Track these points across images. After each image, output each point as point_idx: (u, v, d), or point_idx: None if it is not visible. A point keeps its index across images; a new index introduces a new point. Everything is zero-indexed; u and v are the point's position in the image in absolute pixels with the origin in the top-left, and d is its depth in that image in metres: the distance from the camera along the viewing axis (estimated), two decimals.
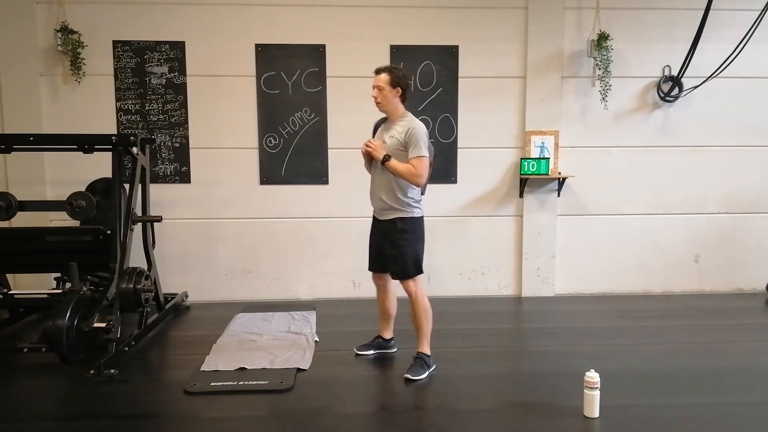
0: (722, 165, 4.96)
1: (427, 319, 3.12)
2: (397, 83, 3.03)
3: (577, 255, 4.98)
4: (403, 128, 3.02)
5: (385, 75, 3.04)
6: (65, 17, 4.43)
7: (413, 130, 2.98)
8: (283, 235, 4.80)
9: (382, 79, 3.04)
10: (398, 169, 2.98)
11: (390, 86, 3.03)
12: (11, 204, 3.70)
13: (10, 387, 3.03)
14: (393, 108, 3.09)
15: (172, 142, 4.66)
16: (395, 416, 2.66)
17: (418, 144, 2.95)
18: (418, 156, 2.95)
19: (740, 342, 3.70)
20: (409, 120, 3.06)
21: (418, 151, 2.95)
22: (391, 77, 3.03)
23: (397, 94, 3.06)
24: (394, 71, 3.05)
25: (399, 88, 3.05)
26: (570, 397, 2.76)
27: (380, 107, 3.12)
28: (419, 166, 2.95)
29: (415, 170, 2.95)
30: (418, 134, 2.96)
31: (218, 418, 2.63)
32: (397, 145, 3.02)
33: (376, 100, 3.07)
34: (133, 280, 3.52)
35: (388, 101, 3.06)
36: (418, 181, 2.98)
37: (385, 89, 3.03)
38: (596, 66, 4.67)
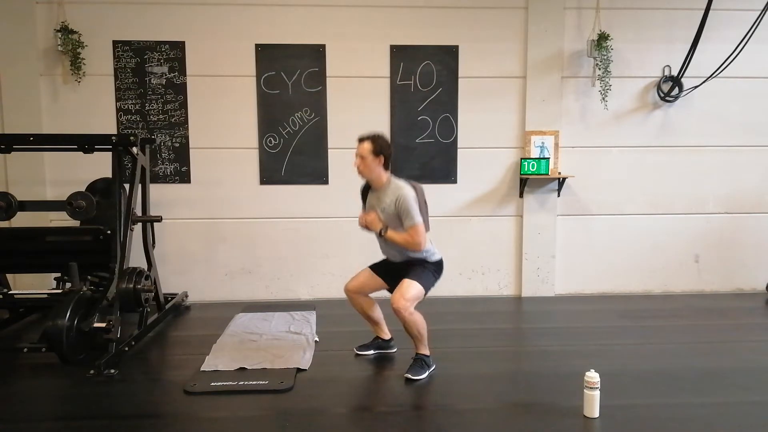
0: (722, 165, 4.96)
1: (421, 328, 3.09)
2: (380, 152, 3.05)
3: (577, 255, 4.98)
4: (391, 199, 3.04)
5: (368, 144, 3.05)
6: (65, 17, 4.43)
7: (401, 199, 2.99)
8: (283, 235, 4.80)
9: (365, 149, 3.05)
10: (397, 240, 3.04)
11: (373, 155, 3.05)
12: (11, 204, 3.70)
13: (10, 387, 3.03)
14: (376, 176, 3.10)
15: (172, 142, 4.66)
16: (395, 416, 2.66)
17: (409, 213, 2.97)
18: (412, 225, 2.98)
19: (740, 342, 3.70)
20: (395, 188, 3.07)
21: (411, 220, 2.98)
22: (373, 146, 3.04)
23: (380, 163, 3.07)
24: (377, 140, 3.06)
25: (382, 157, 3.06)
26: (570, 397, 2.76)
27: (363, 175, 3.14)
28: (415, 234, 2.99)
29: (412, 239, 2.99)
30: (407, 202, 2.98)
31: (218, 418, 2.63)
32: (391, 217, 3.06)
33: (359, 168, 3.10)
34: (133, 280, 3.51)
35: (371, 170, 3.08)
36: (417, 248, 3.03)
37: (367, 158, 3.05)
38: (596, 66, 4.68)
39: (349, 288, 3.36)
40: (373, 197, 3.18)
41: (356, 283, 3.34)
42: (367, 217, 3.14)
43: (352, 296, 3.36)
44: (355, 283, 3.34)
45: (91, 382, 3.02)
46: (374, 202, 3.15)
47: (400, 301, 2.97)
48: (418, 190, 3.12)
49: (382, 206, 3.09)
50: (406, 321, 3.01)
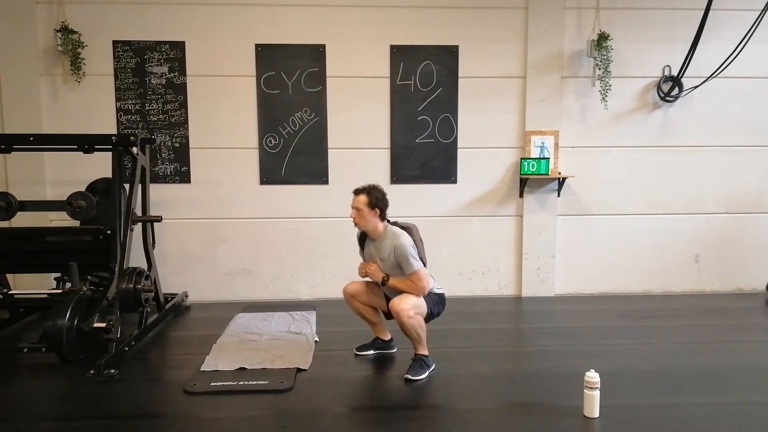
0: (722, 165, 4.96)
1: (420, 330, 3.09)
2: (376, 204, 3.09)
3: (577, 255, 4.98)
4: (389, 249, 3.07)
5: (364, 197, 3.09)
6: (65, 17, 4.43)
7: (399, 248, 3.02)
8: (283, 235, 4.80)
9: (360, 201, 3.10)
10: (400, 287, 3.06)
11: (368, 207, 3.08)
12: (11, 204, 3.70)
13: (10, 387, 3.02)
14: (372, 227, 3.13)
15: (172, 142, 4.66)
16: (395, 416, 2.66)
17: (408, 261, 3.00)
18: (413, 272, 3.00)
19: (740, 342, 3.70)
20: (392, 237, 3.09)
21: (411, 268, 3.00)
22: (369, 199, 3.08)
23: (376, 215, 3.11)
24: (372, 192, 3.10)
25: (377, 209, 3.09)
26: (570, 397, 2.76)
27: (359, 227, 3.18)
28: (417, 280, 3.01)
29: (415, 285, 3.02)
30: (405, 251, 3.00)
31: (218, 418, 2.63)
32: (392, 266, 3.08)
33: (354, 220, 3.14)
34: (133, 280, 3.51)
35: (367, 221, 3.11)
36: (421, 293, 3.04)
37: (363, 210, 3.09)
38: (596, 66, 4.68)
39: (346, 290, 3.38)
40: (371, 247, 3.22)
41: (355, 287, 3.36)
42: (367, 268, 3.17)
43: (348, 298, 3.38)
44: (354, 287, 3.37)
45: (91, 382, 3.02)
46: (373, 252, 3.19)
47: (399, 304, 2.98)
48: (413, 231, 3.19)
49: (381, 256, 3.13)
50: (404, 324, 3.01)
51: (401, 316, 2.97)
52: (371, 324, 3.47)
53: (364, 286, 3.35)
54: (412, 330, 3.04)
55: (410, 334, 3.07)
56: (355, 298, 3.37)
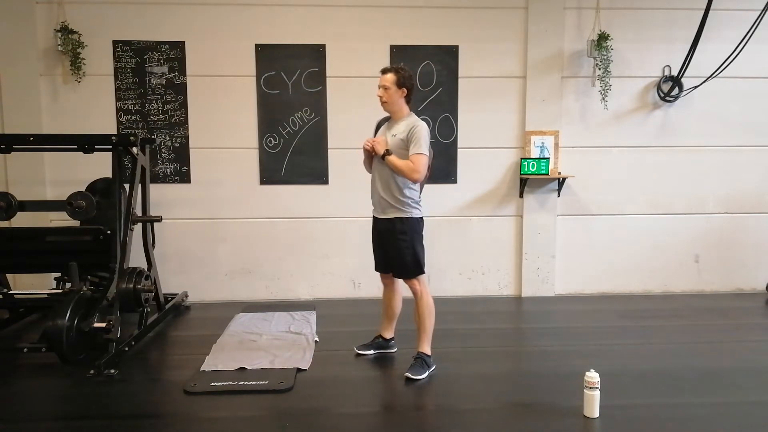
0: (722, 165, 4.96)
1: (430, 319, 3.13)
2: (403, 83, 3.05)
3: (577, 255, 4.98)
4: (406, 127, 3.04)
5: (392, 75, 3.05)
6: (65, 17, 4.43)
7: (415, 128, 3.00)
8: (283, 235, 4.80)
9: (388, 79, 3.05)
10: (397, 164, 3.00)
11: (396, 86, 3.05)
12: (11, 204, 3.70)
13: (10, 387, 3.03)
14: (398, 108, 3.10)
15: (172, 142, 4.66)
16: (395, 416, 2.66)
17: (419, 141, 2.97)
18: (418, 153, 2.96)
19: (740, 342, 3.70)
20: (413, 119, 3.08)
21: (418, 148, 2.96)
22: (397, 77, 3.04)
23: (403, 95, 3.08)
24: (400, 71, 3.06)
25: (404, 89, 3.07)
26: (570, 397, 2.76)
27: (385, 107, 3.13)
28: (417, 162, 2.96)
29: (414, 165, 2.96)
30: (420, 132, 2.99)
31: (218, 418, 2.63)
32: (399, 144, 3.04)
33: (382, 99, 3.09)
34: (133, 280, 3.51)
35: (394, 101, 3.08)
36: (415, 176, 2.99)
37: (391, 89, 3.05)
38: (596, 66, 4.68)
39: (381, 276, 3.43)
40: (384, 128, 3.19)
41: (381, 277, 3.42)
42: (375, 139, 3.12)
43: (385, 282, 3.41)
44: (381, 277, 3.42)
45: (91, 382, 3.02)
46: (386, 130, 3.16)
47: (413, 283, 3.10)
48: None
49: (393, 132, 3.08)
50: (421, 299, 3.09)
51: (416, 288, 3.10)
52: (386, 317, 3.47)
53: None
54: (425, 312, 3.11)
55: (421, 318, 3.12)
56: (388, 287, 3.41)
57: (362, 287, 4.84)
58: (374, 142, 3.10)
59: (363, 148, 3.16)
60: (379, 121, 3.32)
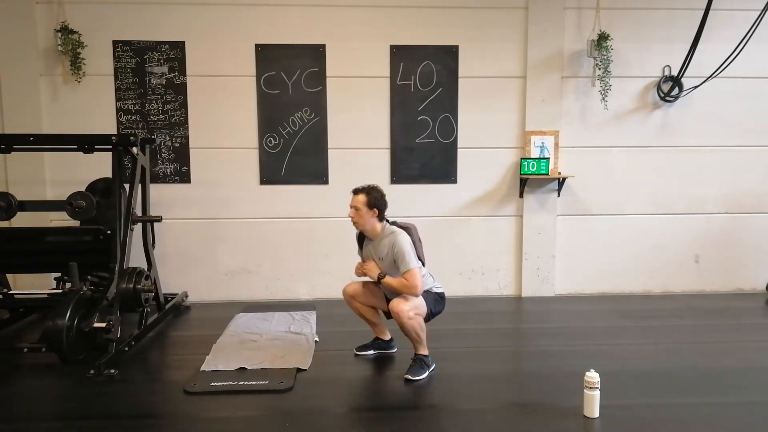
0: (722, 165, 4.96)
1: (420, 331, 3.09)
2: (374, 205, 3.09)
3: (577, 255, 4.98)
4: (388, 247, 3.08)
5: (363, 196, 3.10)
6: (65, 17, 4.43)
7: (396, 245, 3.03)
8: (283, 235, 4.80)
9: (359, 200, 3.10)
10: (394, 285, 3.05)
11: (367, 207, 3.09)
12: (11, 204, 3.70)
13: (10, 387, 3.02)
14: (370, 227, 3.14)
15: (172, 142, 4.66)
16: (395, 416, 2.66)
17: (404, 258, 3.00)
18: (408, 270, 3.00)
19: (740, 342, 3.70)
20: (390, 236, 3.10)
21: (406, 265, 3.00)
22: (368, 199, 3.09)
23: (374, 215, 3.11)
24: (371, 192, 3.10)
25: (376, 209, 3.10)
26: (570, 397, 2.76)
27: (357, 227, 3.20)
28: (411, 278, 2.99)
29: (408, 283, 3.00)
30: (402, 248, 3.01)
31: (218, 418, 2.63)
32: (389, 265, 3.09)
33: (353, 219, 3.14)
34: (133, 280, 3.52)
35: (365, 221, 3.12)
36: (414, 291, 3.02)
37: (361, 210, 3.09)
38: (596, 66, 4.67)
39: (346, 291, 3.39)
40: (369, 247, 3.22)
41: (354, 288, 3.37)
42: (365, 266, 3.18)
43: (348, 299, 3.39)
44: (353, 288, 3.37)
45: (91, 382, 3.02)
46: (371, 251, 3.20)
47: (399, 305, 2.99)
48: (412, 230, 3.20)
49: (379, 255, 3.14)
50: (404, 325, 3.02)
51: (401, 317, 2.97)
52: (371, 324, 3.47)
53: (363, 286, 3.36)
54: (411, 331, 3.04)
55: (410, 335, 3.07)
56: (355, 298, 3.37)
57: None
58: (366, 270, 3.14)
59: (356, 273, 3.21)
60: (358, 234, 3.34)
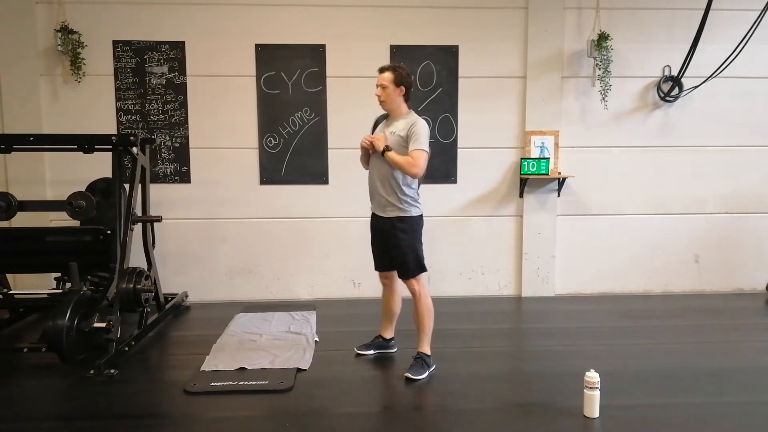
0: (722, 165, 4.96)
1: (429, 319, 3.13)
2: (401, 82, 3.04)
3: (577, 255, 4.98)
4: (405, 124, 3.03)
5: (389, 74, 3.03)
6: (65, 17, 4.43)
7: (415, 125, 2.99)
8: (283, 235, 4.80)
9: (386, 78, 3.04)
10: (396, 159, 2.97)
11: (394, 85, 3.03)
12: (11, 204, 3.70)
13: (10, 387, 3.03)
14: (396, 106, 3.09)
15: (172, 142, 4.66)
16: (395, 416, 2.66)
17: (419, 138, 2.95)
18: (418, 149, 2.94)
19: (740, 342, 3.70)
20: (413, 117, 3.07)
21: (418, 144, 2.95)
22: (395, 76, 3.03)
23: (401, 93, 3.06)
24: (398, 70, 3.05)
25: (403, 87, 3.05)
26: (570, 397, 2.76)
27: (383, 105, 3.12)
28: (417, 157, 2.93)
29: (414, 161, 2.92)
30: (420, 129, 2.98)
31: (218, 418, 2.63)
32: (398, 141, 3.02)
33: (380, 98, 3.07)
34: (133, 280, 3.52)
35: (392, 100, 3.06)
36: (414, 171, 2.95)
37: (389, 87, 3.03)
38: (596, 66, 4.67)
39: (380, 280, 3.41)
40: (384, 124, 3.17)
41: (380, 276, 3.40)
42: (373, 137, 3.08)
43: (385, 282, 3.39)
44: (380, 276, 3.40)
45: (91, 382, 3.02)
46: (384, 128, 3.14)
47: (412, 283, 3.07)
48: None
49: (392, 129, 3.06)
50: (420, 299, 3.08)
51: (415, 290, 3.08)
52: (385, 319, 3.47)
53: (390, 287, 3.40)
54: (424, 312, 3.10)
55: (420, 318, 3.12)
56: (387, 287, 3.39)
57: (362, 287, 4.84)
58: (373, 138, 3.07)
59: (360, 145, 3.15)
60: (377, 118, 3.31)
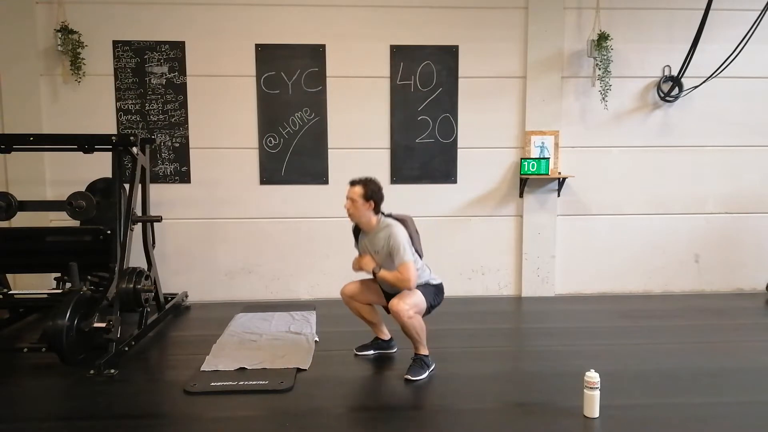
0: (722, 165, 4.96)
1: (420, 331, 3.09)
2: (371, 197, 3.08)
3: (577, 255, 4.98)
4: (384, 241, 3.08)
5: (359, 188, 3.08)
6: (65, 17, 4.43)
7: (392, 238, 3.04)
8: (283, 235, 4.80)
9: (356, 192, 3.09)
10: (388, 278, 3.06)
11: (363, 199, 3.08)
12: (11, 204, 3.70)
13: (10, 387, 3.02)
14: (366, 220, 3.13)
15: (172, 142, 4.66)
16: (395, 416, 2.66)
17: (399, 251, 3.01)
18: (402, 263, 3.00)
19: (740, 342, 3.70)
20: (386, 229, 3.10)
21: (401, 258, 3.00)
22: (364, 191, 3.07)
23: (370, 207, 3.10)
24: (368, 185, 3.09)
25: (372, 202, 3.09)
26: (570, 397, 2.76)
27: (352, 218, 3.19)
28: (405, 271, 2.99)
29: (402, 276, 3.00)
30: (398, 241, 3.02)
31: (218, 418, 2.63)
32: (385, 258, 3.09)
33: (348, 211, 3.14)
34: (133, 280, 3.51)
35: (361, 213, 3.11)
36: (407, 285, 3.02)
37: (357, 202, 3.09)
38: (596, 66, 4.68)
39: (344, 291, 3.38)
40: (365, 240, 3.23)
41: (352, 288, 3.37)
42: (360, 260, 3.19)
43: (347, 300, 3.39)
44: (351, 288, 3.37)
45: (91, 382, 3.02)
46: (367, 245, 3.20)
47: (399, 304, 2.99)
48: (408, 222, 3.19)
49: (375, 249, 3.14)
50: (404, 324, 3.02)
51: (401, 316, 2.97)
52: (371, 324, 3.47)
53: (360, 285, 3.36)
54: (412, 330, 3.04)
55: (410, 334, 3.07)
56: (354, 298, 3.37)
57: None
58: (362, 264, 3.15)
59: (353, 268, 3.23)
60: (354, 227, 3.35)
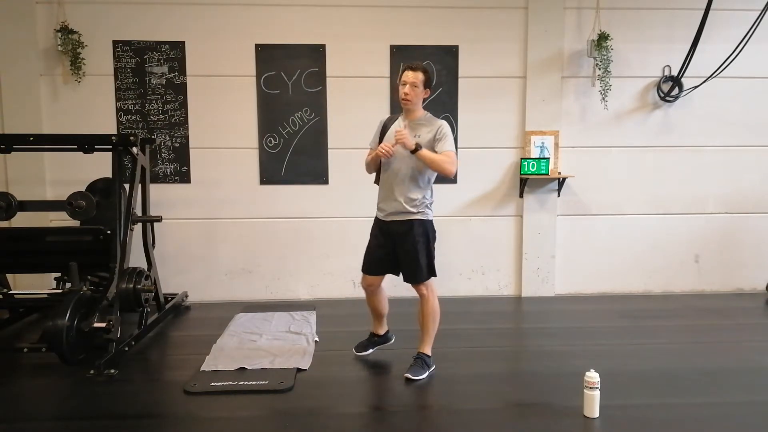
0: (722, 165, 4.96)
1: (434, 321, 3.12)
2: (428, 85, 3.03)
3: (577, 255, 4.98)
4: (430, 128, 3.00)
5: (421, 74, 2.98)
6: (65, 17, 4.43)
7: (442, 127, 2.98)
8: (283, 235, 4.80)
9: (419, 78, 2.97)
10: (432, 156, 2.90)
11: (423, 86, 3.00)
12: (11, 204, 3.70)
13: (10, 387, 3.03)
14: (417, 108, 3.06)
15: (172, 142, 4.66)
16: (395, 416, 2.66)
17: (448, 139, 2.96)
18: (450, 150, 2.95)
19: (740, 342, 3.70)
20: (433, 120, 3.06)
21: (450, 146, 2.95)
22: (426, 78, 2.99)
23: (425, 95, 3.06)
24: (427, 71, 3.01)
25: (428, 90, 3.05)
26: (570, 397, 2.76)
27: (407, 105, 3.01)
28: (451, 156, 2.94)
29: (449, 159, 2.91)
30: (448, 132, 2.98)
31: (218, 418, 2.63)
32: (426, 145, 2.97)
33: (407, 96, 2.97)
34: (133, 280, 3.52)
35: (418, 100, 3.02)
36: (452, 168, 2.93)
37: (418, 88, 2.98)
38: (596, 66, 4.67)
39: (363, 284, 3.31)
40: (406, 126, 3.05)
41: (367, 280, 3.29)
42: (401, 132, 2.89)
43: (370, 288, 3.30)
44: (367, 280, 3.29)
45: (91, 382, 3.02)
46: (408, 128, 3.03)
47: (421, 288, 3.06)
48: None
49: (416, 133, 3.01)
50: (428, 302, 3.06)
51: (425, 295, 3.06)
52: (375, 320, 3.44)
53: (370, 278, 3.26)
54: (430, 315, 3.08)
55: (426, 321, 3.10)
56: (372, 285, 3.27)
57: None
58: (402, 137, 2.88)
59: (378, 152, 2.98)
60: (384, 121, 3.22)
